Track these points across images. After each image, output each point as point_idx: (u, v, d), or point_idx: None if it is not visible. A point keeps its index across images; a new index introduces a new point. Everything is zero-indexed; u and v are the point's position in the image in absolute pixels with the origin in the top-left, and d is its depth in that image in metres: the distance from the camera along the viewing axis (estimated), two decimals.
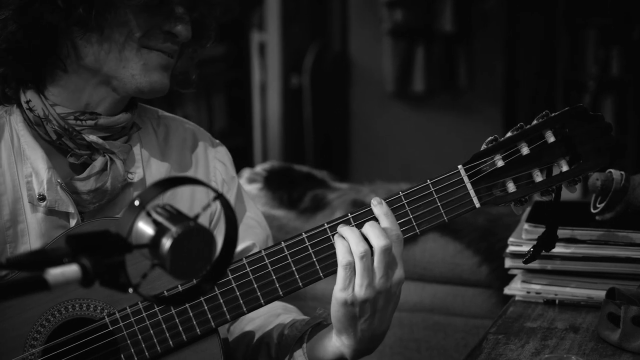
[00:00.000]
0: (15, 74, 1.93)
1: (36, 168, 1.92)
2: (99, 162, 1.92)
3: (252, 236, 2.07)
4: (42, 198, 1.91)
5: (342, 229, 1.82)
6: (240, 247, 2.02)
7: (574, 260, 2.18)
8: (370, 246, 1.79)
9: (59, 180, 1.91)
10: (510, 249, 2.21)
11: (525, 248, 2.18)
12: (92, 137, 1.91)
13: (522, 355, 1.92)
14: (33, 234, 1.93)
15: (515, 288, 2.23)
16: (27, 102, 1.92)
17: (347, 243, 1.81)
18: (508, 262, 2.23)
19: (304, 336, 1.93)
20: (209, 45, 2.07)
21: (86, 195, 1.92)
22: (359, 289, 1.78)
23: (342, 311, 1.81)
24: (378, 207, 1.83)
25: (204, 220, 2.03)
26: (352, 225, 1.84)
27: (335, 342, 1.88)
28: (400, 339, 3.30)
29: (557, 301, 2.19)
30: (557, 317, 2.12)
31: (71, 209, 1.92)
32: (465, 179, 1.86)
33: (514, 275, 2.27)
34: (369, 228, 1.81)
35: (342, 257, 1.80)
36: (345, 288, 1.79)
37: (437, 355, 3.27)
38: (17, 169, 1.93)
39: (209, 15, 1.99)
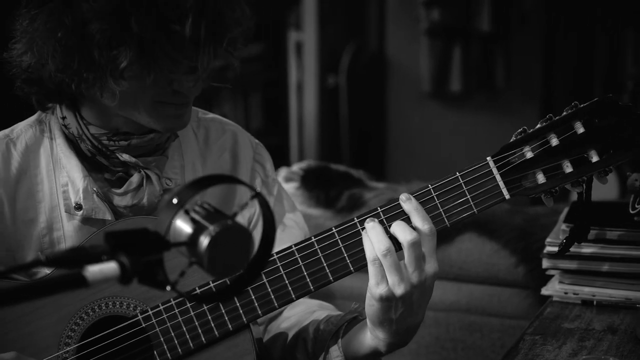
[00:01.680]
0: (46, 94, 1.94)
1: (72, 177, 1.93)
2: (135, 178, 1.93)
3: (290, 237, 2.07)
4: (78, 207, 1.92)
5: (367, 226, 1.82)
6: (279, 249, 2.02)
7: (612, 261, 2.17)
8: (399, 242, 1.80)
9: (95, 189, 1.92)
10: (548, 249, 2.20)
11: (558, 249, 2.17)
12: (126, 157, 1.92)
13: (559, 356, 1.92)
14: (69, 241, 1.94)
15: (553, 289, 2.22)
16: (63, 118, 1.94)
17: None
18: (545, 263, 2.21)
19: (339, 331, 1.94)
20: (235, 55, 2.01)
21: (123, 210, 1.94)
22: (394, 286, 1.78)
23: (377, 306, 1.81)
24: (407, 203, 1.83)
25: (242, 220, 2.04)
26: (382, 219, 1.84)
27: (370, 336, 1.88)
28: (436, 339, 3.29)
29: (594, 302, 2.18)
30: (595, 318, 2.11)
31: (108, 217, 1.93)
32: (494, 171, 1.85)
33: (551, 276, 2.26)
34: (395, 226, 1.81)
35: (369, 253, 1.80)
36: (378, 283, 1.79)
37: (474, 355, 3.26)
38: (55, 177, 1.94)
39: (221, 42, 1.88)
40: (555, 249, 2.17)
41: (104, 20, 1.74)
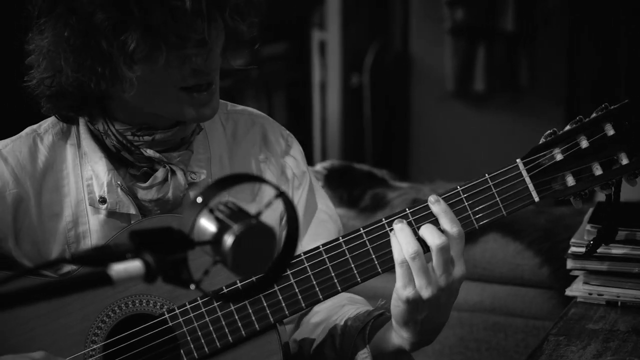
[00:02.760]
0: (66, 111, 1.95)
1: (96, 171, 1.94)
2: (160, 172, 1.93)
3: (325, 232, 2.07)
4: (102, 201, 1.93)
5: (396, 227, 1.82)
6: (315, 244, 2.02)
7: (637, 262, 2.15)
8: (427, 245, 1.79)
9: (119, 182, 1.93)
10: (572, 250, 2.19)
11: (585, 249, 2.16)
12: (150, 152, 1.92)
13: (583, 357, 1.91)
14: (95, 236, 1.94)
15: (577, 289, 2.21)
16: (89, 114, 1.94)
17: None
18: (570, 263, 2.21)
19: (366, 327, 1.93)
20: (253, 46, 2.01)
21: (148, 204, 1.94)
22: (421, 289, 1.77)
23: (403, 307, 1.81)
24: (436, 205, 1.83)
25: (274, 219, 2.04)
26: (410, 220, 1.84)
27: (396, 335, 1.88)
28: (460, 339, 3.29)
29: (619, 303, 2.17)
30: (620, 319, 2.10)
31: (132, 210, 1.93)
32: (524, 173, 1.85)
33: (575, 277, 2.25)
34: (424, 229, 1.81)
35: (397, 255, 1.80)
36: (406, 285, 1.78)
37: (498, 355, 3.25)
38: (81, 171, 1.95)
39: (237, 29, 1.90)
40: (580, 249, 2.16)
41: (105, 9, 1.75)
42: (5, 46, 1.89)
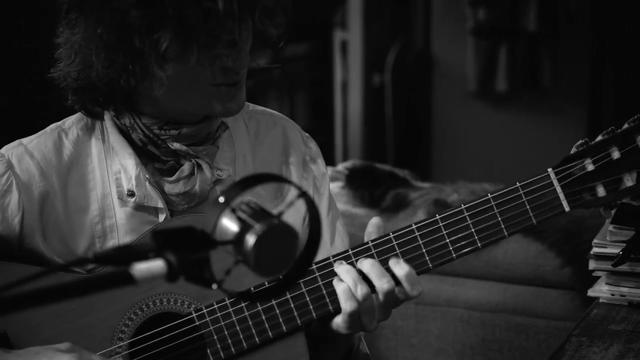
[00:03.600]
0: (92, 105, 1.96)
1: (125, 165, 1.95)
2: (187, 166, 1.94)
3: (340, 240, 2.09)
4: (131, 194, 1.94)
5: (338, 270, 1.86)
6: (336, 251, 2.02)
7: None
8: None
9: (147, 176, 1.94)
10: (595, 250, 2.19)
11: (609, 250, 2.15)
12: (177, 145, 1.93)
13: (605, 358, 1.90)
14: (122, 229, 1.95)
15: (600, 290, 2.20)
16: (115, 110, 1.95)
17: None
18: (592, 264, 2.20)
19: None
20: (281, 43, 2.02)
21: (175, 197, 1.95)
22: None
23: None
24: (364, 263, 1.86)
25: (296, 218, 2.04)
26: (373, 253, 1.87)
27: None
28: (482, 340, 3.28)
29: None
30: None
31: (160, 204, 1.94)
32: (555, 183, 1.84)
33: (597, 277, 2.24)
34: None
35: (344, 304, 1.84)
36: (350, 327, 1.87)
37: (520, 356, 3.25)
38: (107, 165, 1.96)
39: (265, 32, 1.92)
40: (603, 250, 2.16)
41: (139, 7, 1.76)
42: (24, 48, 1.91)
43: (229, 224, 1.26)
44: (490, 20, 6.17)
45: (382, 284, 1.80)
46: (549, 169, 1.85)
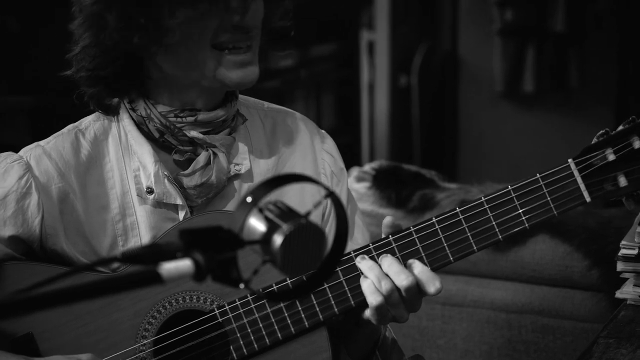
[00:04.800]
0: (107, 94, 1.97)
1: (143, 162, 1.96)
2: (202, 157, 1.95)
3: (366, 231, 2.10)
4: (150, 191, 1.95)
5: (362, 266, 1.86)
6: (358, 242, 2.02)
7: None
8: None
9: (165, 173, 1.95)
10: (623, 252, 2.18)
11: (638, 251, 2.14)
12: (193, 133, 1.94)
13: None
14: (143, 226, 1.96)
15: (628, 292, 2.19)
16: (130, 102, 1.96)
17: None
18: (620, 266, 2.19)
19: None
20: (288, 21, 2.03)
21: (193, 190, 1.95)
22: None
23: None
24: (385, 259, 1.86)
25: (315, 216, 2.05)
26: (393, 248, 1.86)
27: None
28: (508, 341, 3.27)
29: None
30: None
31: (179, 201, 1.95)
32: (576, 173, 1.83)
33: (625, 279, 2.23)
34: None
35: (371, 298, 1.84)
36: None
37: (546, 358, 3.24)
38: (125, 163, 1.97)
39: None
40: (631, 252, 2.15)
41: None
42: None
43: (257, 224, 1.26)
44: (517, 21, 6.15)
45: (401, 280, 1.80)
46: (569, 160, 1.84)
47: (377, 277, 1.81)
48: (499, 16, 6.20)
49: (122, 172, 1.98)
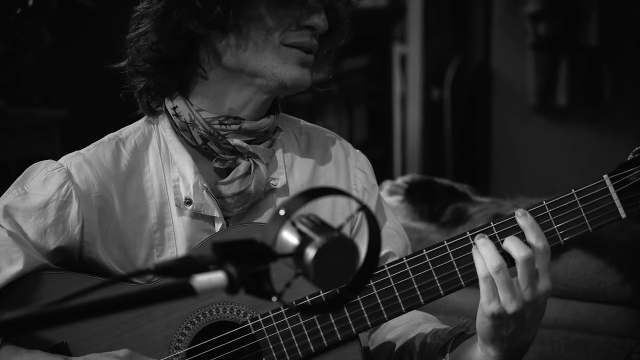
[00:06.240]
0: (157, 84, 1.98)
1: (183, 173, 1.97)
2: (242, 165, 1.96)
3: (390, 245, 2.08)
4: (188, 202, 1.96)
5: (478, 242, 1.81)
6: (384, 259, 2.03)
7: None
8: (512, 259, 1.78)
9: (204, 185, 1.95)
10: None
11: None
12: (237, 141, 1.95)
13: None
14: (179, 237, 1.97)
15: None
16: (174, 108, 1.98)
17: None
18: None
19: (447, 345, 1.93)
20: (343, 42, 2.08)
21: (230, 199, 1.96)
22: (506, 303, 1.76)
23: (489, 323, 1.80)
24: (522, 219, 1.82)
25: (345, 229, 2.05)
26: (494, 234, 1.83)
27: (481, 352, 1.86)
28: (540, 356, 3.25)
29: None
30: None
31: (216, 213, 1.96)
32: (611, 189, 1.83)
33: None
34: (508, 241, 1.80)
35: (481, 270, 1.79)
36: (490, 300, 1.77)
37: None
38: (165, 173, 1.98)
39: (341, 6, 2.02)
40: None
41: None
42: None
43: (290, 237, 1.26)
44: (550, 34, 6.13)
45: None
46: (605, 176, 1.84)
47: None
48: (532, 29, 6.18)
49: (161, 182, 1.99)
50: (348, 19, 2.05)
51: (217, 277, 1.19)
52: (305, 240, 1.25)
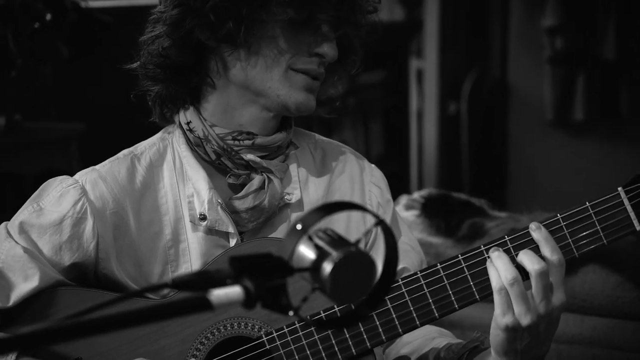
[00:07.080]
0: (167, 91, 1.98)
1: (198, 188, 1.97)
2: (256, 180, 1.96)
3: (405, 260, 2.08)
4: (203, 218, 1.96)
5: (493, 255, 1.81)
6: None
7: None
8: (526, 272, 1.78)
9: (219, 201, 1.95)
10: None
11: None
12: (250, 156, 1.95)
13: None
14: (194, 253, 1.97)
15: None
16: (188, 123, 1.98)
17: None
18: None
19: (461, 359, 1.92)
20: (353, 72, 2.09)
21: (244, 214, 1.96)
22: (520, 316, 1.76)
23: (503, 336, 1.79)
24: (537, 232, 1.81)
25: (361, 244, 2.04)
26: (509, 247, 1.83)
27: None
28: None
29: None
30: None
31: (231, 229, 1.96)
32: (626, 202, 1.82)
33: None
34: (522, 255, 1.80)
35: (495, 283, 1.80)
36: (504, 313, 1.77)
37: None
38: (179, 189, 1.98)
39: (354, 37, 2.02)
40: None
41: None
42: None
43: (306, 251, 1.26)
44: (567, 48, 6.12)
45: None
46: (619, 188, 1.83)
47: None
48: (549, 43, 6.17)
49: (176, 198, 1.99)
50: (361, 49, 2.05)
51: (234, 291, 1.19)
52: (322, 255, 1.25)
